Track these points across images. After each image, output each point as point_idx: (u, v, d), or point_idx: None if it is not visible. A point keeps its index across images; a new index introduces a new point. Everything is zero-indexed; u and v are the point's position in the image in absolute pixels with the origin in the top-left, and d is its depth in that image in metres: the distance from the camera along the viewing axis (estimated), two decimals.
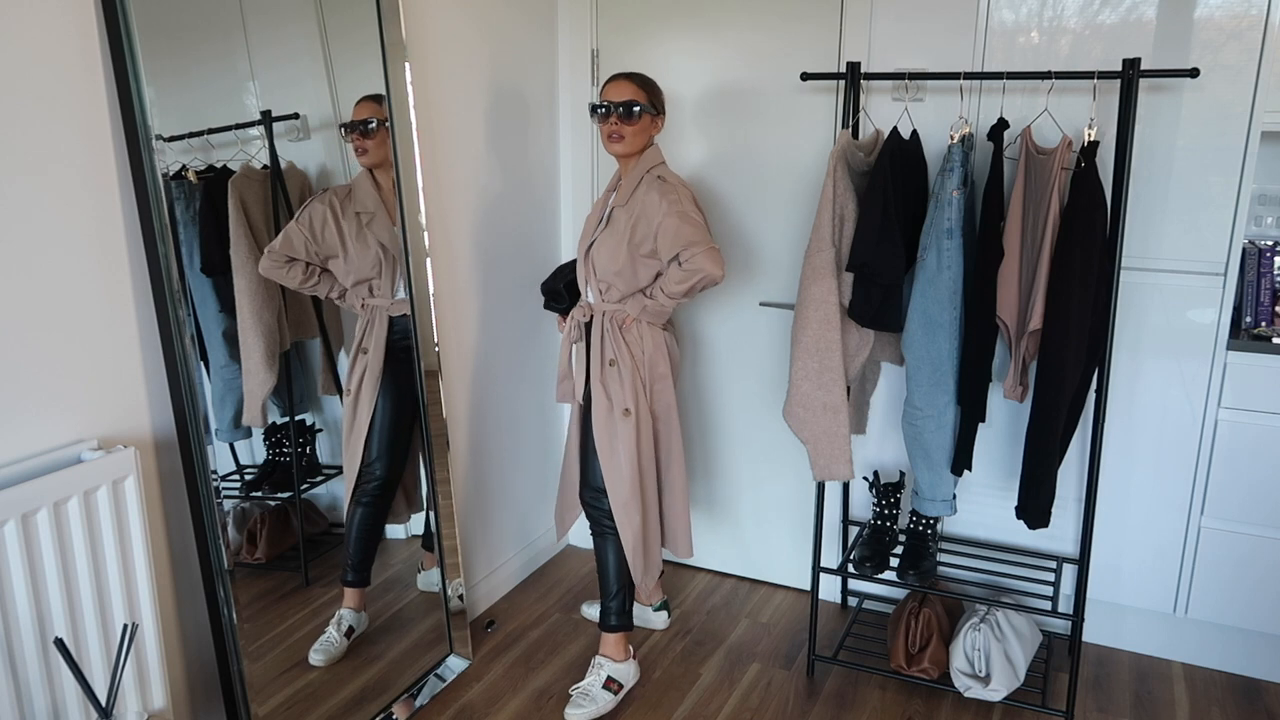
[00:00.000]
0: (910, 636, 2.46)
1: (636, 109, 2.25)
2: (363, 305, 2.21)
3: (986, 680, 2.32)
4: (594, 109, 2.29)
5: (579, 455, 2.44)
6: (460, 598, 2.54)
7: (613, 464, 2.32)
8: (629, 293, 2.31)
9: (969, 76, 2.25)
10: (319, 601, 2.14)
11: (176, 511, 1.90)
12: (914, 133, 2.37)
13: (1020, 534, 2.65)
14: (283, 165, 1.97)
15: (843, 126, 2.38)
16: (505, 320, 2.82)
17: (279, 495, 2.03)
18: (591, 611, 2.82)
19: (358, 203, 2.15)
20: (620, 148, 2.28)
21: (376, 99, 2.20)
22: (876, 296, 2.27)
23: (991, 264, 2.20)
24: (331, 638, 2.17)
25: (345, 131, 2.12)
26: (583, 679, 2.45)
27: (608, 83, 2.30)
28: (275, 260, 1.96)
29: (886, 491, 2.57)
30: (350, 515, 2.20)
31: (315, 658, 2.13)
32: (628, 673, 2.44)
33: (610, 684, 2.39)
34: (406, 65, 2.24)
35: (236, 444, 1.92)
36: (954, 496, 2.40)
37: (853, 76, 2.39)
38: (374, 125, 2.17)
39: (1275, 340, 2.33)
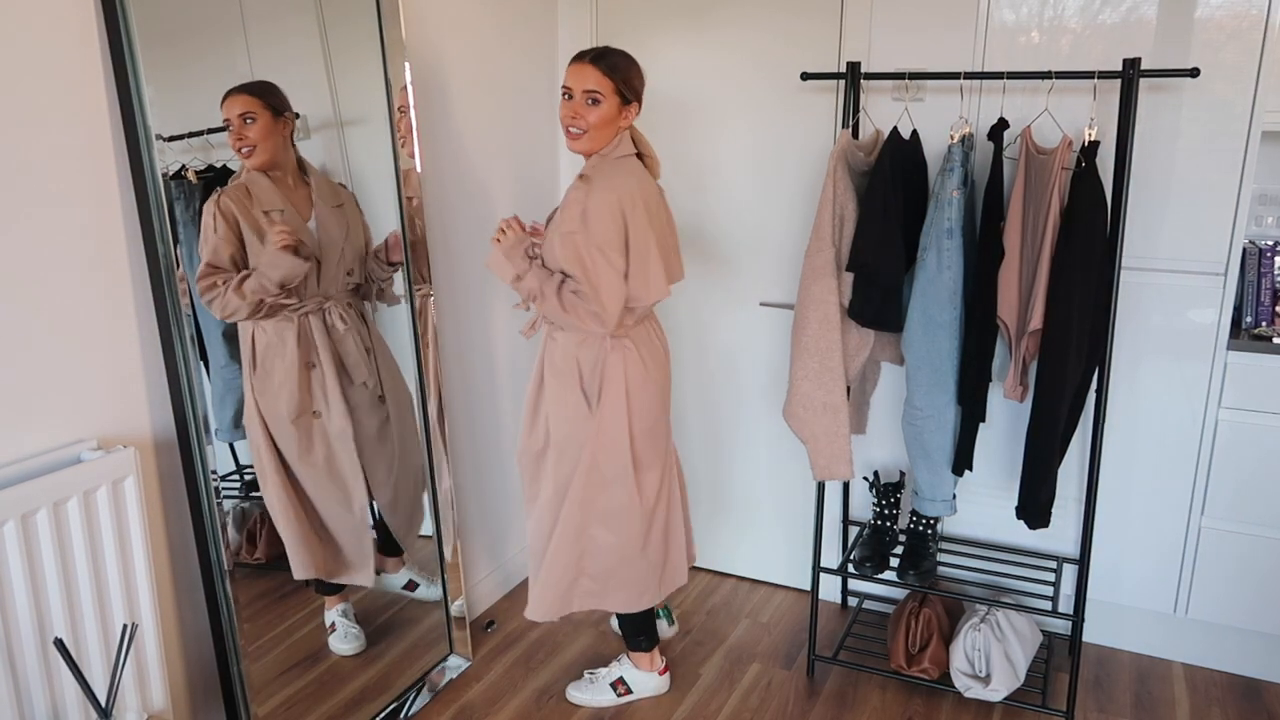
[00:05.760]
0: (910, 636, 2.46)
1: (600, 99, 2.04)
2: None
3: (986, 680, 2.31)
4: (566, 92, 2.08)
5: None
6: (459, 600, 2.54)
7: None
8: None
9: (969, 76, 2.25)
10: (319, 601, 2.14)
11: (176, 511, 1.90)
12: (914, 133, 2.37)
13: (1020, 534, 2.65)
14: None
15: (843, 126, 2.38)
16: (505, 319, 2.82)
17: None
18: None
19: (262, 202, 1.92)
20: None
21: (249, 89, 1.89)
22: (876, 296, 2.27)
23: (992, 264, 2.20)
24: (351, 629, 2.20)
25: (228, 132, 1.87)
26: (580, 679, 2.46)
27: (571, 63, 2.08)
28: (209, 280, 1.80)
29: (886, 491, 2.57)
30: None
31: (345, 648, 2.19)
32: (645, 684, 2.41)
33: (618, 684, 2.39)
34: (406, 65, 2.24)
35: (236, 444, 1.92)
36: (954, 496, 2.40)
37: (853, 76, 2.39)
38: (251, 121, 1.89)
39: (1275, 340, 2.32)
